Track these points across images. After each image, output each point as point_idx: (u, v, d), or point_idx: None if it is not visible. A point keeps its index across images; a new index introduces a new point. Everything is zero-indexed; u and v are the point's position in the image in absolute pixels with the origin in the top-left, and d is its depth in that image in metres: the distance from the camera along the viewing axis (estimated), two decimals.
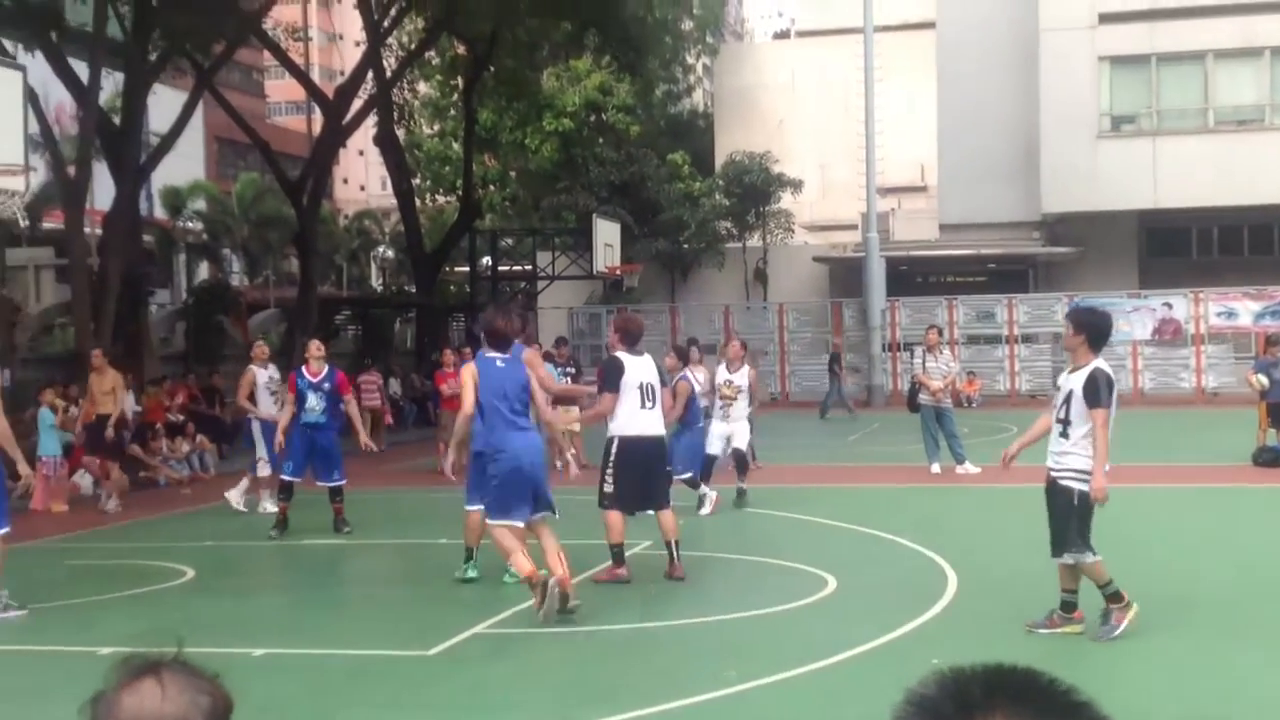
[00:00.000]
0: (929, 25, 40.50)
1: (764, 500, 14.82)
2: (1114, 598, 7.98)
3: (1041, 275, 37.23)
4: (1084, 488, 7.91)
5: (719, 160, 43.42)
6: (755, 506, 14.41)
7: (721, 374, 14.93)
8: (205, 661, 1.96)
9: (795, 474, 17.93)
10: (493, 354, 9.06)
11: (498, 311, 9.91)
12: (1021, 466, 8.45)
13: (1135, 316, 31.61)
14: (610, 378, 9.95)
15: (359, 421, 13.98)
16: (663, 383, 10.84)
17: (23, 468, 9.76)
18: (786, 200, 40.61)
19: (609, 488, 9.98)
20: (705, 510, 13.81)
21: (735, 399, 14.66)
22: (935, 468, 16.81)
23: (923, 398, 17.05)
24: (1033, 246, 36.98)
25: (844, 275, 37.24)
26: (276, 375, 15.02)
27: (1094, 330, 8.04)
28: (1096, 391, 7.80)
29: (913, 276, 37.14)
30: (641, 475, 9.98)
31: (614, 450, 9.95)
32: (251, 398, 14.77)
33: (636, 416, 9.93)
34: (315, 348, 13.54)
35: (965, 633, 8.22)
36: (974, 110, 36.51)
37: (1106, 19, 34.11)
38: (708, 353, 24.67)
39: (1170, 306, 31.55)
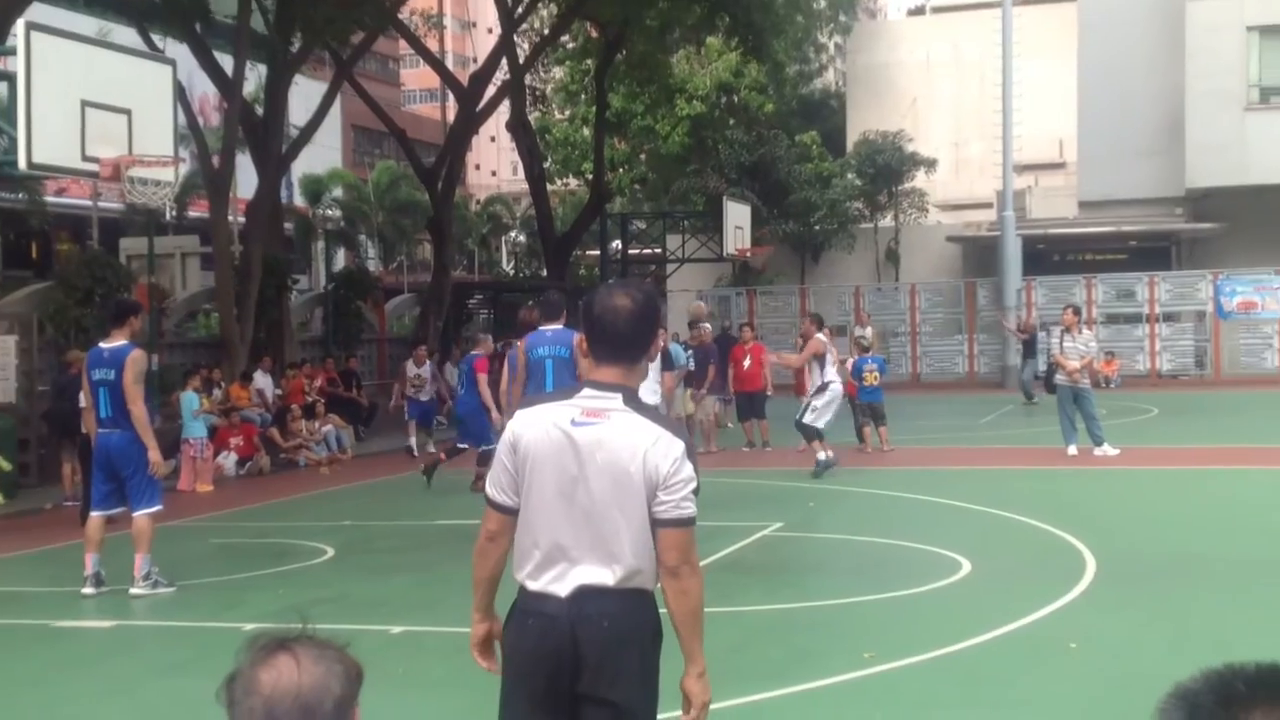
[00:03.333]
0: None
1: (897, 483, 14.69)
2: None
3: (1185, 252, 36.11)
4: None
5: (851, 140, 42.98)
6: (888, 489, 14.27)
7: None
8: (346, 638, 2.03)
9: (928, 456, 17.71)
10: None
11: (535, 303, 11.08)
12: (1159, 448, 8.20)
13: None
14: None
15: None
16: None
17: (154, 454, 9.75)
18: (920, 179, 40.03)
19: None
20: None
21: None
22: (1072, 449, 16.45)
23: (1059, 378, 16.72)
24: (1176, 223, 35.87)
25: (978, 255, 36.59)
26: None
27: None
28: None
29: (1050, 255, 36.31)
30: None
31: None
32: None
33: None
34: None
35: (1104, 617, 8.04)
36: (1116, 84, 35.51)
37: None
38: (839, 334, 24.59)
39: None
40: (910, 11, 61.22)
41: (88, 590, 9.76)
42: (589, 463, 3.48)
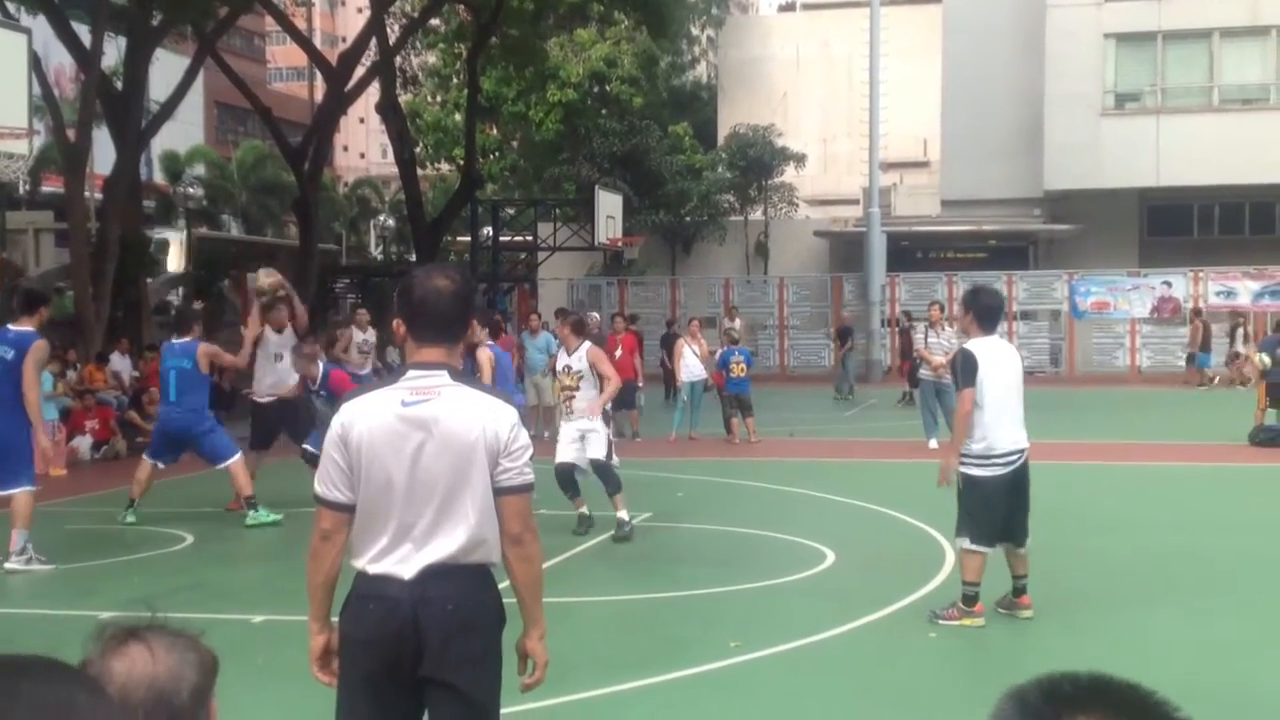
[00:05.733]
0: (936, 0, 40.31)
1: (763, 474, 14.86)
2: (970, 599, 7.73)
3: (1042, 252, 37.21)
4: (965, 471, 7.81)
5: (722, 133, 43.31)
6: (755, 480, 14.43)
7: (561, 359, 11.46)
8: (201, 627, 1.97)
9: (793, 448, 17.96)
10: None
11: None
12: (1034, 443, 8.36)
13: (1135, 295, 31.65)
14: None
15: None
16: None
17: (42, 439, 10.04)
18: (789, 174, 40.54)
19: None
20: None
21: (577, 389, 11.02)
22: (933, 443, 16.81)
23: (924, 372, 17.08)
24: (1034, 223, 36.93)
25: (845, 250, 37.20)
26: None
27: (981, 309, 8.00)
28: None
29: (913, 252, 37.09)
30: None
31: None
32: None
33: None
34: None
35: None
36: (978, 86, 36.39)
37: None
38: (708, 326, 24.74)
39: (1170, 285, 31.57)
40: (781, 7, 61.92)
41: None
42: (426, 439, 3.52)
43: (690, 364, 19.04)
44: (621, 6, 29.50)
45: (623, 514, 10.86)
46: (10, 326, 10.08)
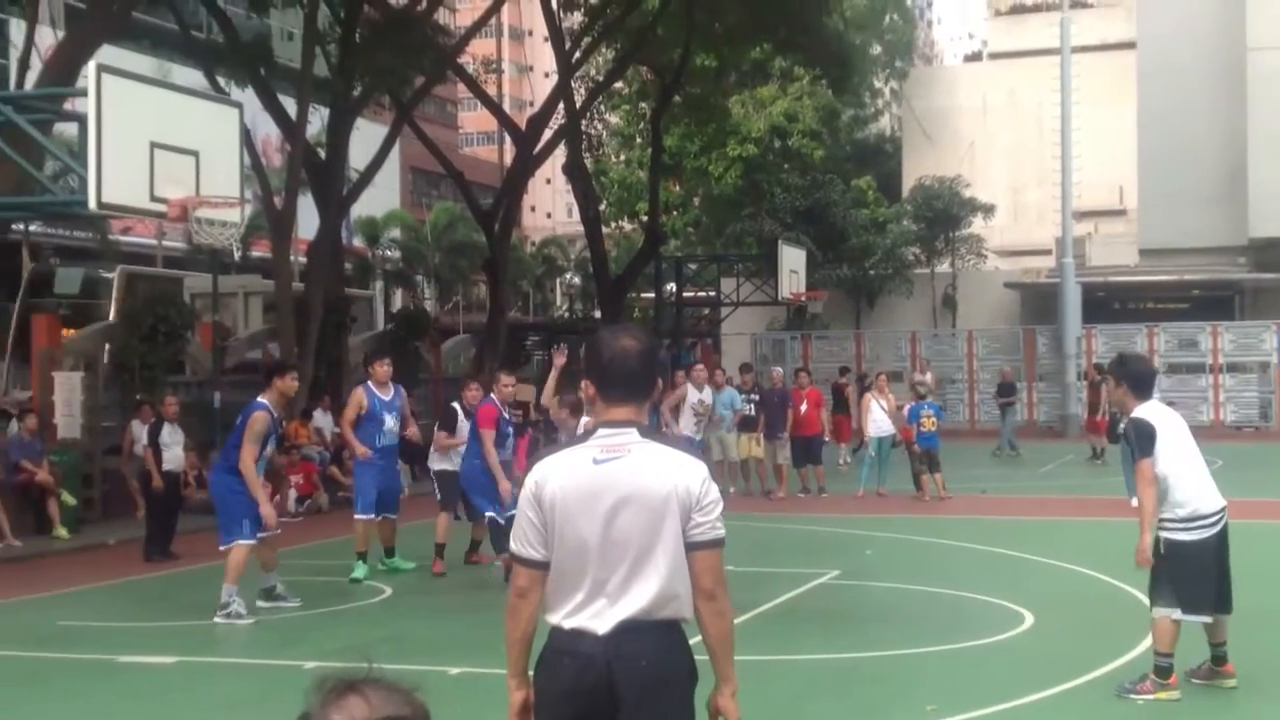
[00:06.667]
0: (1129, 45, 39.36)
1: (954, 532, 14.53)
2: (1165, 671, 7.31)
3: (1249, 302, 35.65)
4: (1169, 538, 7.44)
5: (907, 185, 42.89)
6: (946, 537, 14.11)
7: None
8: (414, 679, 2.03)
9: (986, 505, 17.51)
10: None
11: None
12: (1229, 501, 7.98)
13: None
14: None
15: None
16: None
17: (263, 507, 10.42)
18: (977, 225, 39.85)
19: None
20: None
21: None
22: (1135, 501, 16.18)
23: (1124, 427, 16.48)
24: (1239, 272, 35.45)
25: (1037, 302, 36.32)
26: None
27: (1133, 378, 7.64)
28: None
29: (1110, 303, 35.98)
30: None
31: None
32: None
33: None
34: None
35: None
36: (1176, 131, 35.27)
37: None
38: (894, 380, 24.39)
39: None
40: (967, 57, 61.20)
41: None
42: (619, 496, 3.56)
43: (878, 419, 18.78)
44: (802, 63, 29.60)
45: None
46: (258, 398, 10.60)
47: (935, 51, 70.96)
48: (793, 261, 30.80)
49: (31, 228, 28.79)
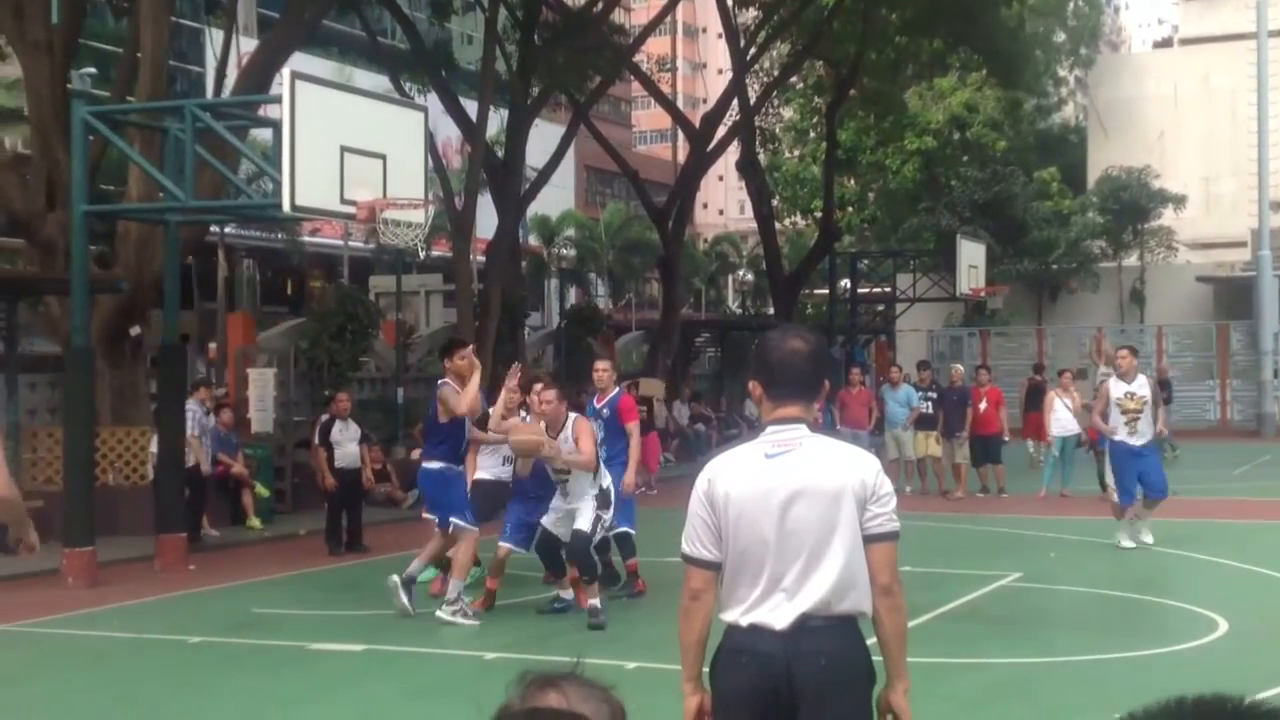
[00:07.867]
0: None
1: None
2: None
3: None
4: None
5: (1092, 176, 41.61)
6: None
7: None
8: (613, 679, 2.05)
9: (1177, 507, 16.84)
10: None
11: None
12: None
13: None
14: None
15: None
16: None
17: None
18: (1167, 217, 38.43)
19: None
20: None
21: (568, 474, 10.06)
22: None
23: None
24: None
25: (1231, 296, 34.83)
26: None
27: None
28: None
29: None
30: None
31: None
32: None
33: None
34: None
35: None
36: None
37: None
38: (1079, 378, 23.62)
39: None
40: (1156, 44, 59.04)
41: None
42: (793, 490, 3.56)
43: (1062, 417, 18.26)
44: (968, 60, 28.98)
45: (594, 601, 9.87)
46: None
47: (1123, 38, 68.59)
48: (972, 256, 30.14)
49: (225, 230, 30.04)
